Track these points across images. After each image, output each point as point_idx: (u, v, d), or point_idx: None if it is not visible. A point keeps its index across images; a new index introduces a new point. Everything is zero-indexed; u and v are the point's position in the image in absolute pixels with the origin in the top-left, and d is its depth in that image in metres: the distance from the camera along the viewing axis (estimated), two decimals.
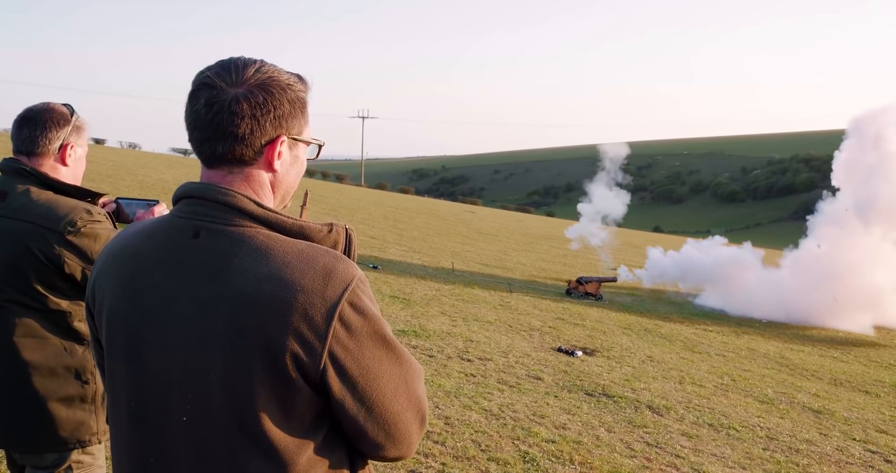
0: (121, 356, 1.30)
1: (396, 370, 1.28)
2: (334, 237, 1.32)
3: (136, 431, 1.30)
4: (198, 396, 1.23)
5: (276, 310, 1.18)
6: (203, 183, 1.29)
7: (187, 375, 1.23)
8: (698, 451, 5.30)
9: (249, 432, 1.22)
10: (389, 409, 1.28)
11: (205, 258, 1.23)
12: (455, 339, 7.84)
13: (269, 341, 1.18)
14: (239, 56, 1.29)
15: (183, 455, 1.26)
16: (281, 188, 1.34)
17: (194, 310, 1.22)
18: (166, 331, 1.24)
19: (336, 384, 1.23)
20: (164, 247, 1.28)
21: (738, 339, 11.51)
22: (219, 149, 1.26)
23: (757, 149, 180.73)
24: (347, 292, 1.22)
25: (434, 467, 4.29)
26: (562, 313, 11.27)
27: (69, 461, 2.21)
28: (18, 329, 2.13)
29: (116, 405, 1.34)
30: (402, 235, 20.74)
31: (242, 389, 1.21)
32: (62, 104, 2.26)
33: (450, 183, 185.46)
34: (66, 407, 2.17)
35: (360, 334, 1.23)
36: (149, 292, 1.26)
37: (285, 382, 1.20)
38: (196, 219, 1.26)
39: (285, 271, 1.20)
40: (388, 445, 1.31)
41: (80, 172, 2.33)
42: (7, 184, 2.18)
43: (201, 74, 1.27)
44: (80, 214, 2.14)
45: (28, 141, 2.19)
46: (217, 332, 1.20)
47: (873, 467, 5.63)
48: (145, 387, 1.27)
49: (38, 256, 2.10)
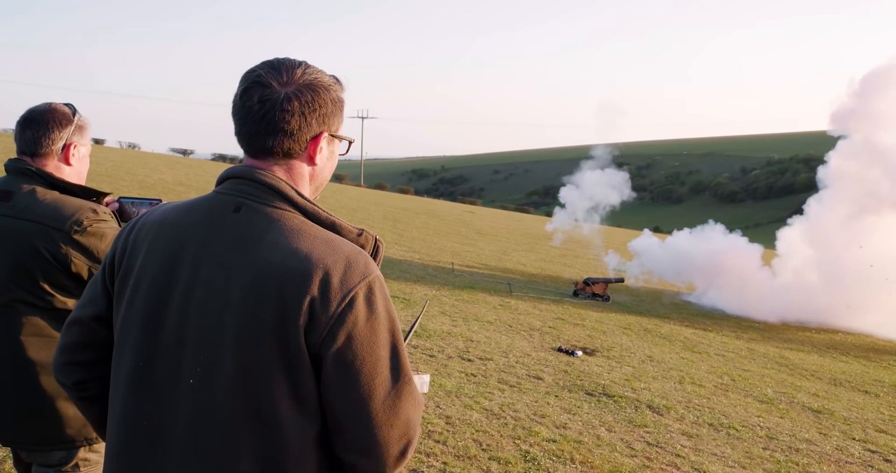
0: (139, 317, 1.35)
1: (392, 382, 1.29)
2: (362, 242, 1.38)
3: (133, 396, 1.34)
4: (209, 357, 1.27)
5: (298, 281, 1.24)
6: (249, 166, 1.38)
7: (201, 336, 1.28)
8: (698, 450, 5.32)
9: (253, 401, 1.25)
10: (372, 415, 1.27)
11: (241, 231, 1.31)
12: (455, 339, 7.85)
13: (285, 308, 1.24)
14: (285, 57, 1.38)
15: (180, 420, 1.29)
16: (317, 180, 1.44)
17: (220, 275, 1.29)
18: (190, 294, 1.30)
19: (330, 362, 1.26)
20: (205, 221, 1.35)
21: (738, 339, 11.53)
22: (269, 143, 1.35)
23: (756, 149, 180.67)
24: (364, 283, 1.28)
25: (435, 466, 4.30)
26: (562, 313, 11.28)
27: (76, 458, 2.23)
28: (26, 329, 2.14)
29: (118, 369, 1.37)
30: (401, 235, 20.74)
31: (252, 354, 1.25)
32: (64, 104, 2.27)
33: (449, 183, 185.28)
34: (72, 406, 2.18)
35: (366, 326, 1.27)
36: (182, 259, 1.33)
37: (293, 351, 1.25)
38: (239, 196, 1.34)
39: (312, 250, 1.27)
40: (360, 453, 1.30)
41: (84, 171, 2.34)
42: (12, 184, 2.20)
43: (252, 73, 1.35)
44: (87, 213, 2.16)
45: (31, 142, 2.21)
46: (238, 297, 1.26)
47: (873, 466, 5.64)
48: (158, 348, 1.32)
49: (44, 255, 2.12)
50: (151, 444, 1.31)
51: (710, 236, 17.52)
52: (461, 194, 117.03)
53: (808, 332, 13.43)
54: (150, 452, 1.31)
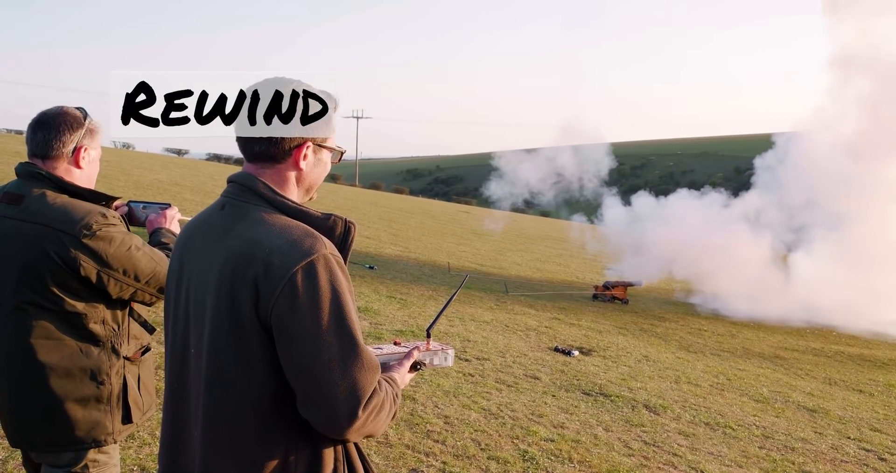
0: (170, 303, 1.67)
1: (337, 347, 1.45)
2: (330, 225, 1.59)
3: (170, 362, 1.67)
4: (199, 330, 1.56)
5: (249, 263, 1.47)
6: (242, 172, 1.64)
7: (195, 313, 1.57)
8: (695, 450, 5.36)
9: (218, 365, 1.51)
10: (318, 376, 1.45)
11: (221, 224, 1.59)
12: (452, 339, 7.88)
13: (237, 287, 1.47)
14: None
15: (193, 379, 1.58)
16: (305, 183, 1.65)
17: (206, 263, 1.56)
18: (191, 280, 1.60)
19: (276, 332, 1.47)
20: (206, 218, 1.66)
21: (733, 339, 11.58)
22: (256, 148, 1.59)
23: (750, 149, 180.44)
24: (305, 262, 1.45)
25: (435, 465, 4.33)
26: (557, 313, 11.32)
27: (85, 460, 2.25)
28: (35, 331, 2.17)
29: (167, 344, 1.69)
30: (397, 235, 20.76)
31: (217, 326, 1.51)
32: (76, 108, 2.29)
33: (444, 183, 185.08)
34: (82, 408, 2.21)
35: (306, 300, 1.44)
36: (190, 251, 1.63)
37: (246, 323, 1.47)
38: (227, 196, 1.63)
39: (265, 236, 1.50)
40: (312, 409, 1.47)
41: (94, 174, 2.36)
42: (23, 188, 2.22)
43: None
44: (96, 217, 2.18)
45: (42, 144, 2.23)
46: (212, 279, 1.53)
47: (868, 465, 5.69)
48: (176, 326, 1.64)
49: (54, 258, 2.14)
50: (181, 400, 1.61)
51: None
52: (456, 193, 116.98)
53: (808, 330, 13.49)
54: (181, 408, 1.62)
